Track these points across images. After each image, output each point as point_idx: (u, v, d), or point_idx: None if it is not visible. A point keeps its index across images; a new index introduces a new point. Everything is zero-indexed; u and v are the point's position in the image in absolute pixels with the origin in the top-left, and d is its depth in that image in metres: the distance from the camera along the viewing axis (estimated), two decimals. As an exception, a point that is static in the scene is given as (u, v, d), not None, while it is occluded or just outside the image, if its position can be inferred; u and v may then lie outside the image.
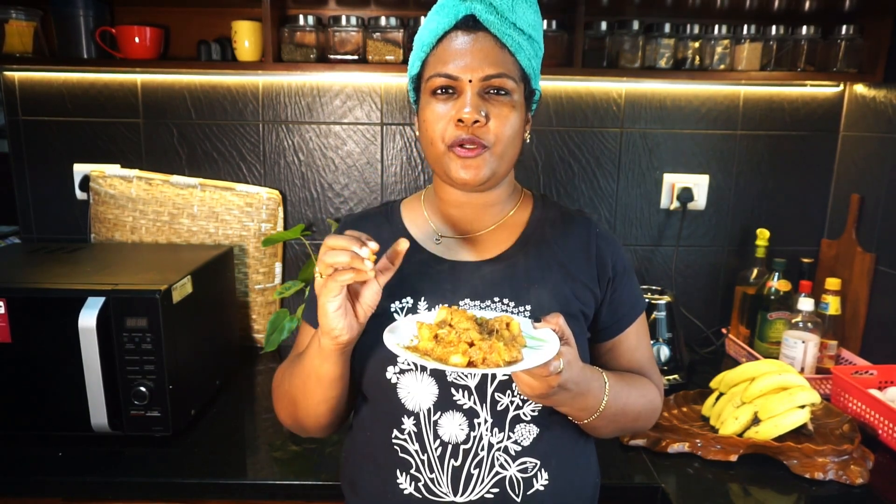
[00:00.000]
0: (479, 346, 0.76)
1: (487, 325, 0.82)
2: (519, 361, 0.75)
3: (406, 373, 0.91)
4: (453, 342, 0.77)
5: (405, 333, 0.83)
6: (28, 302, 1.26)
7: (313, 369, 0.90)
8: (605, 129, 1.88)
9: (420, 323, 0.82)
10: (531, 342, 0.81)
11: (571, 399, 0.84)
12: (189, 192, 1.81)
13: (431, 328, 0.80)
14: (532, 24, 0.93)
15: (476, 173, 0.91)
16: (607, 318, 1.01)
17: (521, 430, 0.91)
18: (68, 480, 1.21)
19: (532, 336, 0.81)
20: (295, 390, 0.96)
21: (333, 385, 0.91)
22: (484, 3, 0.90)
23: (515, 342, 0.79)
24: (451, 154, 0.91)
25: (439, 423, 0.91)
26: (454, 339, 0.77)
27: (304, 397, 0.95)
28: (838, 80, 1.80)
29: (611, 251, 1.01)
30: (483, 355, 0.75)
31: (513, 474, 0.91)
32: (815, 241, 1.93)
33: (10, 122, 1.82)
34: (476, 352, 0.75)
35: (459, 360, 0.75)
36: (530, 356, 0.76)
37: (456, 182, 0.93)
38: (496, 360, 0.75)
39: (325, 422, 0.98)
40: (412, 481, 0.91)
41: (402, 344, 0.80)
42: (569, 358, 0.79)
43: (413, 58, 0.97)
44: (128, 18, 1.75)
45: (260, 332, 1.88)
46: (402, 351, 0.78)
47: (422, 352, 0.78)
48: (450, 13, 0.91)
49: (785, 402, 1.30)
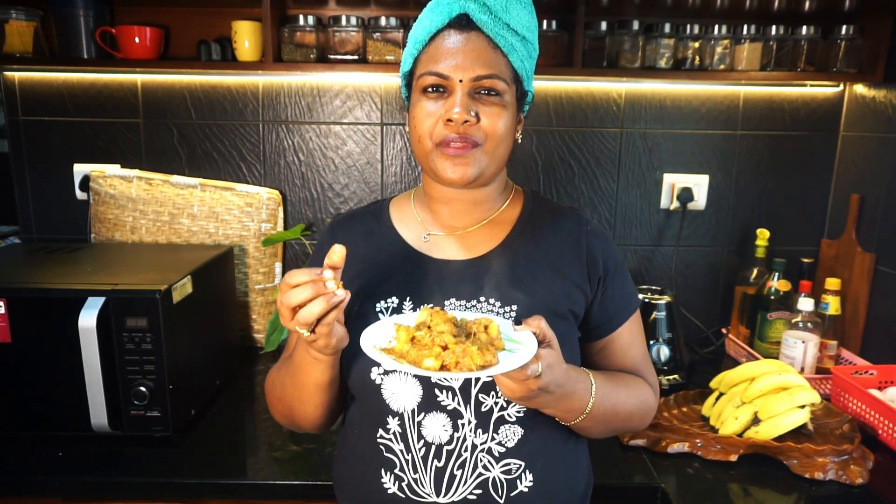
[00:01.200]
0: (453, 350, 0.75)
1: (466, 328, 0.81)
2: (493, 365, 0.75)
3: (390, 374, 0.91)
4: (428, 345, 0.77)
5: (385, 335, 0.83)
6: (28, 302, 1.26)
7: (305, 377, 0.90)
8: (604, 129, 1.88)
9: (398, 325, 0.81)
10: (511, 345, 0.80)
11: (555, 401, 0.84)
12: (189, 192, 1.81)
13: (409, 330, 0.80)
14: (526, 26, 0.92)
15: (464, 172, 0.91)
16: (599, 317, 1.00)
17: (505, 431, 0.90)
18: (68, 480, 1.21)
19: (512, 339, 0.81)
20: (289, 398, 0.96)
21: (328, 388, 0.92)
22: (478, 3, 0.89)
23: (492, 345, 0.78)
24: (439, 152, 0.91)
25: (423, 423, 0.90)
26: (428, 342, 0.77)
27: (300, 403, 0.95)
28: (838, 80, 1.80)
29: (602, 248, 0.99)
30: (456, 359, 0.75)
31: (496, 475, 0.90)
32: (815, 241, 1.93)
33: (10, 122, 1.82)
34: (449, 355, 0.75)
35: (432, 364, 0.75)
36: (506, 360, 0.76)
37: (444, 180, 0.93)
38: (469, 364, 0.74)
39: (322, 421, 0.99)
40: (396, 481, 0.91)
41: (380, 346, 0.80)
42: (549, 361, 0.78)
43: (406, 54, 0.96)
44: (128, 18, 1.75)
45: (260, 332, 1.88)
46: (375, 353, 0.77)
47: (397, 354, 0.78)
48: (443, 11, 0.90)
49: (785, 402, 1.30)
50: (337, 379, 0.92)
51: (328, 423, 1.00)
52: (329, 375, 0.90)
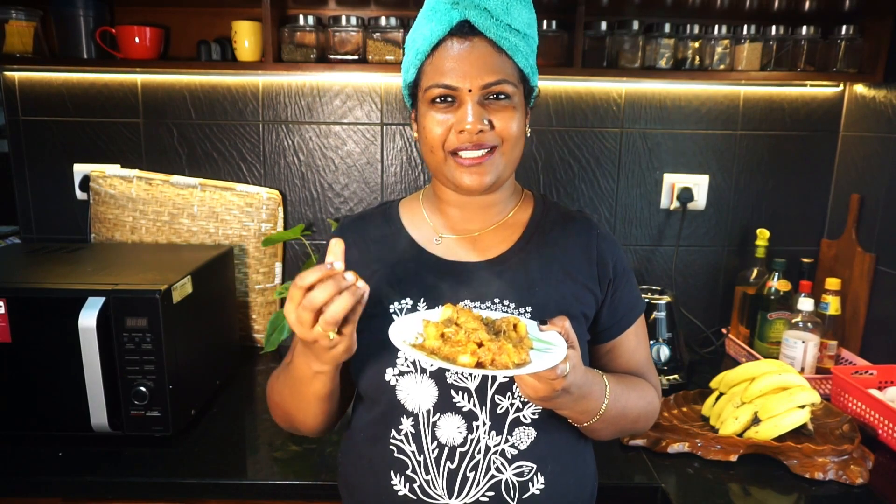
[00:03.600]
0: (489, 347, 0.74)
1: (494, 326, 0.81)
2: (527, 364, 0.74)
3: (405, 374, 0.91)
4: (461, 342, 0.76)
5: (408, 332, 0.81)
6: (28, 302, 1.26)
7: (308, 390, 0.90)
8: (605, 129, 1.88)
9: (426, 321, 0.80)
10: (537, 344, 0.80)
11: (573, 402, 0.84)
12: (189, 192, 1.81)
13: (438, 326, 0.79)
14: (527, 23, 0.91)
15: (481, 179, 0.90)
16: (607, 320, 1.01)
17: (519, 433, 0.91)
18: (68, 480, 1.21)
19: (538, 338, 0.81)
20: (288, 406, 0.96)
21: (328, 399, 0.92)
22: (478, 9, 0.87)
23: (523, 344, 0.78)
24: (454, 161, 0.91)
25: (438, 424, 0.90)
26: (462, 338, 0.76)
27: (299, 413, 0.95)
28: (838, 81, 1.80)
29: (611, 252, 1.00)
30: (492, 356, 0.74)
31: (509, 478, 0.90)
32: (815, 241, 1.93)
33: (10, 122, 1.82)
34: (485, 353, 0.74)
35: (468, 361, 0.74)
36: (538, 359, 0.76)
37: (461, 188, 0.93)
38: (505, 361, 0.74)
39: (322, 427, 0.99)
40: (407, 482, 0.91)
41: (407, 342, 0.79)
42: (573, 361, 0.78)
43: (407, 64, 0.95)
44: (128, 18, 1.75)
45: (260, 332, 1.88)
46: (409, 349, 0.76)
47: (428, 350, 0.77)
48: (443, 19, 0.89)
49: (785, 402, 1.30)
50: (337, 389, 0.92)
51: (328, 428, 1.00)
52: (329, 388, 0.89)
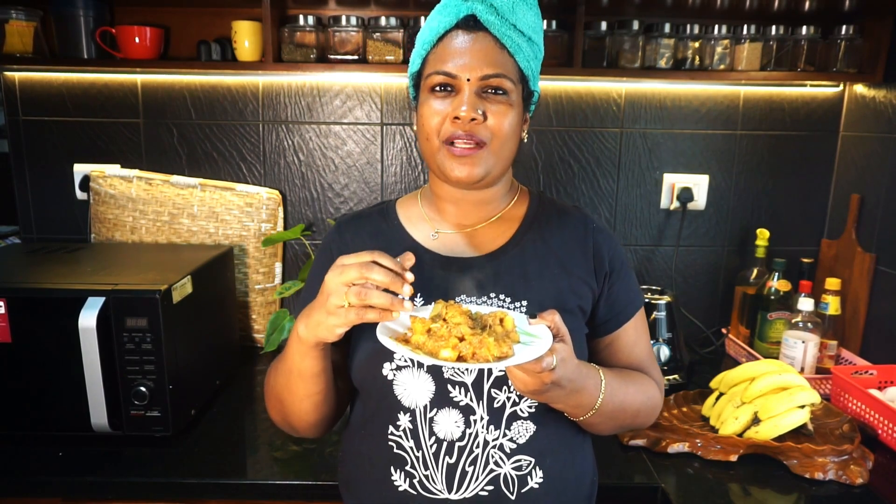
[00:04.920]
0: (469, 341, 0.76)
1: (481, 321, 0.82)
2: (509, 357, 0.76)
3: (403, 369, 0.91)
4: (444, 336, 0.77)
5: (399, 327, 0.83)
6: (28, 302, 1.26)
7: (294, 365, 0.90)
8: (604, 129, 1.88)
9: (413, 317, 0.82)
10: (526, 338, 0.81)
11: (566, 396, 0.84)
12: (189, 192, 1.81)
13: (424, 322, 0.80)
14: (532, 26, 0.94)
15: (471, 171, 0.92)
16: (605, 314, 1.01)
17: (517, 427, 0.91)
18: (68, 480, 1.21)
19: (527, 332, 0.81)
20: (279, 388, 0.96)
21: (315, 380, 0.91)
22: (485, 4, 0.91)
23: (508, 338, 0.79)
24: (446, 150, 0.92)
25: (435, 419, 0.91)
26: (445, 333, 0.78)
27: (288, 394, 0.95)
28: (838, 81, 1.80)
29: (608, 246, 1.01)
30: (473, 350, 0.76)
31: (507, 472, 0.91)
32: (815, 241, 1.93)
33: (10, 122, 1.82)
34: (466, 346, 0.76)
35: (449, 355, 0.75)
36: (522, 352, 0.77)
37: (450, 179, 0.94)
38: (486, 354, 0.75)
39: (311, 419, 0.97)
40: (407, 478, 0.92)
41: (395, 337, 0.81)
42: (563, 355, 0.79)
43: (414, 55, 0.98)
44: (128, 18, 1.75)
45: (260, 332, 1.88)
46: (392, 343, 0.78)
47: (413, 345, 0.79)
48: (451, 12, 0.92)
49: (785, 402, 1.30)
50: (328, 371, 0.92)
51: (320, 423, 0.99)
52: (320, 366, 0.90)
